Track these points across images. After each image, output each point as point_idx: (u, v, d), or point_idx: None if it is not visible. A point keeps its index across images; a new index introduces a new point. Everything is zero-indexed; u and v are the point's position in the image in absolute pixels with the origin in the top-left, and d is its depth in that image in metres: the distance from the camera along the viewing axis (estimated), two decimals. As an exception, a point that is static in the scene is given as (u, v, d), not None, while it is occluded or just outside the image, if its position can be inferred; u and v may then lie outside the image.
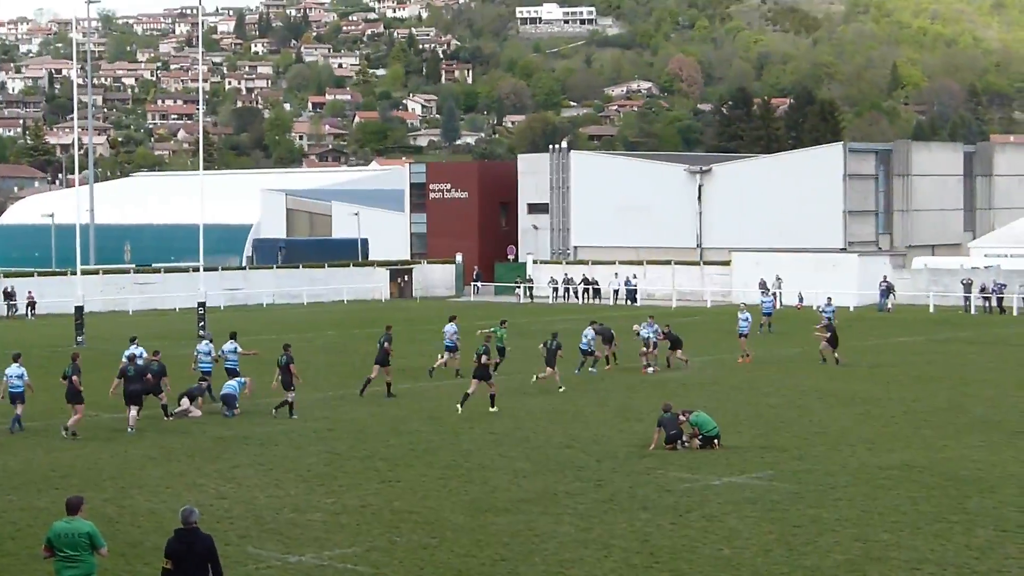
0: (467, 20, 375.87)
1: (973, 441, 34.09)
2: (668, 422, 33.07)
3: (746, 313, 55.49)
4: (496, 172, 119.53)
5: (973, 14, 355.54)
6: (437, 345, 60.84)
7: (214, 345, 43.17)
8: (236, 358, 42.08)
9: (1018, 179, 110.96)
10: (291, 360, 38.78)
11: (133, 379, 36.27)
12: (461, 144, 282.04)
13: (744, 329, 54.51)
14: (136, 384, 36.28)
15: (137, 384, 36.31)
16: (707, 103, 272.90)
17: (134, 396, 36.15)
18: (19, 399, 36.57)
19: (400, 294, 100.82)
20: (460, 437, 35.30)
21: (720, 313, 78.52)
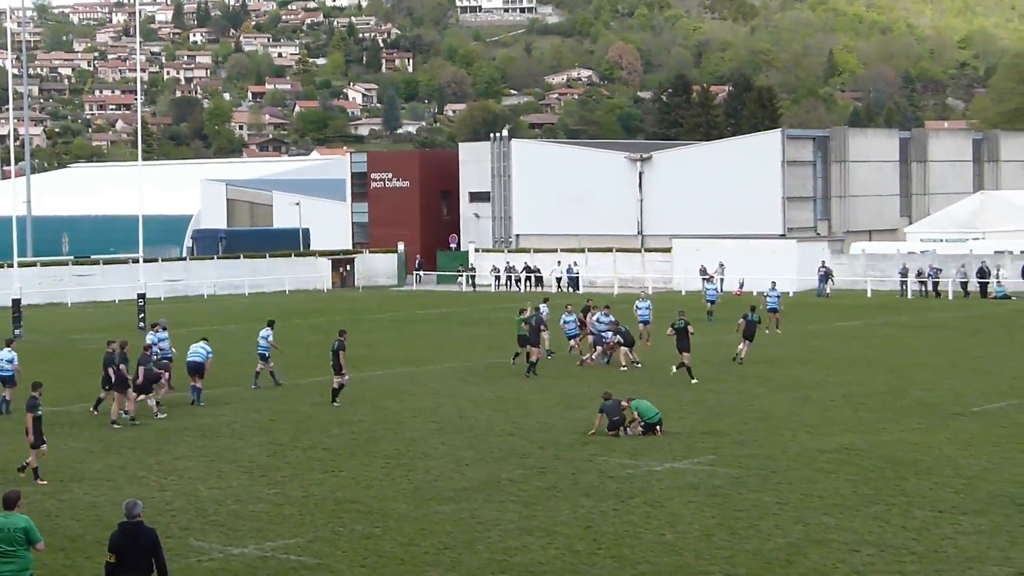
0: (407, 9, 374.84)
1: (910, 424, 34.36)
2: (610, 408, 33.15)
3: (647, 301, 55.28)
4: (437, 161, 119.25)
5: (907, 2, 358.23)
6: (381, 334, 60.82)
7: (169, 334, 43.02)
8: (267, 344, 43.32)
9: (952, 165, 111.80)
10: (343, 347, 38.92)
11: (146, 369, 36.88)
12: (402, 133, 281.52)
13: (644, 317, 52.81)
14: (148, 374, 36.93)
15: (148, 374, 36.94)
16: (647, 90, 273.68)
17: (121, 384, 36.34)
18: (9, 383, 37.50)
19: (342, 284, 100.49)
20: (403, 426, 35.24)
21: (661, 300, 78.74)
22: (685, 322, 44.14)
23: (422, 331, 63.99)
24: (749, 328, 47.31)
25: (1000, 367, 46.01)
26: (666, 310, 57.67)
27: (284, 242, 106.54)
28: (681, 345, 43.40)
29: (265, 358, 43.66)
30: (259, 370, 43.69)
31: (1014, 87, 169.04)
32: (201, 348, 40.06)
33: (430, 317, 72.37)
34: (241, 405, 38.77)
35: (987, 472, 28.13)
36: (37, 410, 28.34)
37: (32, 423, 28.21)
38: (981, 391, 40.11)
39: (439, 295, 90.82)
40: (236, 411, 38.02)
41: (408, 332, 63.49)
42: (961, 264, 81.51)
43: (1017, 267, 79.98)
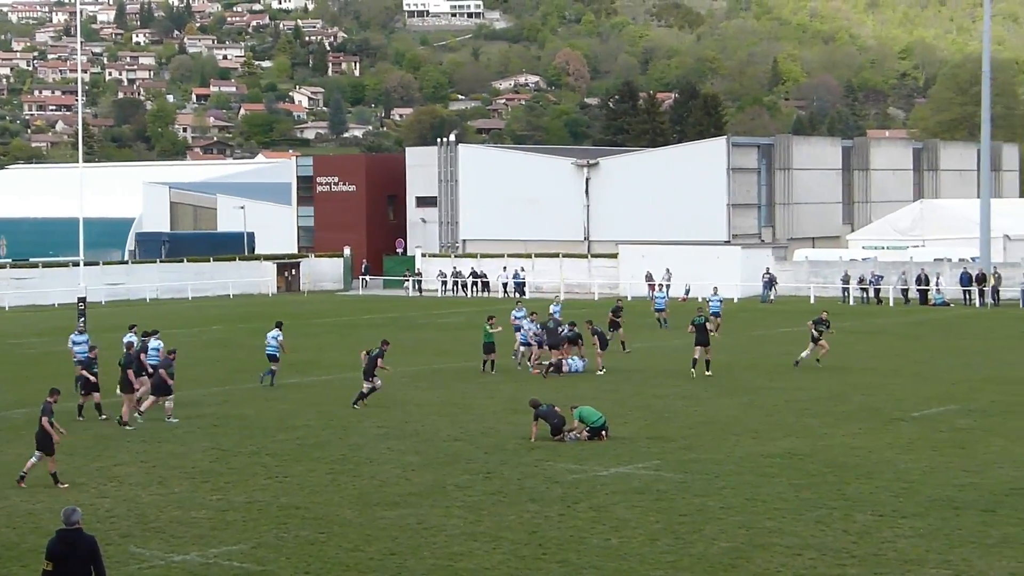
0: (354, 12, 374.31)
1: (852, 428, 34.59)
2: (547, 413, 33.16)
3: (558, 305, 55.60)
4: (384, 165, 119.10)
5: (849, 12, 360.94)
6: (327, 339, 60.68)
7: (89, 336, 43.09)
8: (276, 344, 44.07)
9: (893, 173, 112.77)
10: (382, 355, 39.54)
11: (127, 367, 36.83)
12: (348, 137, 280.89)
13: (271, 350, 50.19)
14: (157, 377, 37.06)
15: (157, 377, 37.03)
16: (594, 97, 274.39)
17: (158, 387, 36.85)
18: None
19: (287, 288, 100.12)
20: (349, 431, 35.14)
21: (608, 305, 78.87)
22: (704, 318, 46.35)
23: (368, 336, 63.77)
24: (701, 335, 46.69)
25: (939, 373, 46.40)
26: (590, 321, 57.69)
27: (228, 246, 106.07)
28: (700, 340, 45.29)
29: (275, 358, 44.17)
30: (274, 370, 44.25)
31: (953, 97, 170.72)
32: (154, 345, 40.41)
33: (376, 322, 72.22)
34: (184, 410, 38.51)
35: (926, 476, 28.36)
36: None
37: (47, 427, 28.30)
38: (921, 396, 40.43)
39: (385, 300, 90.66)
40: (179, 416, 37.75)
41: (354, 337, 63.32)
42: (902, 271, 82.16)
43: (956, 275, 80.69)
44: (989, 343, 57.05)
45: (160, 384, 36.75)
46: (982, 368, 47.40)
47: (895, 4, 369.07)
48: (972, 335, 60.82)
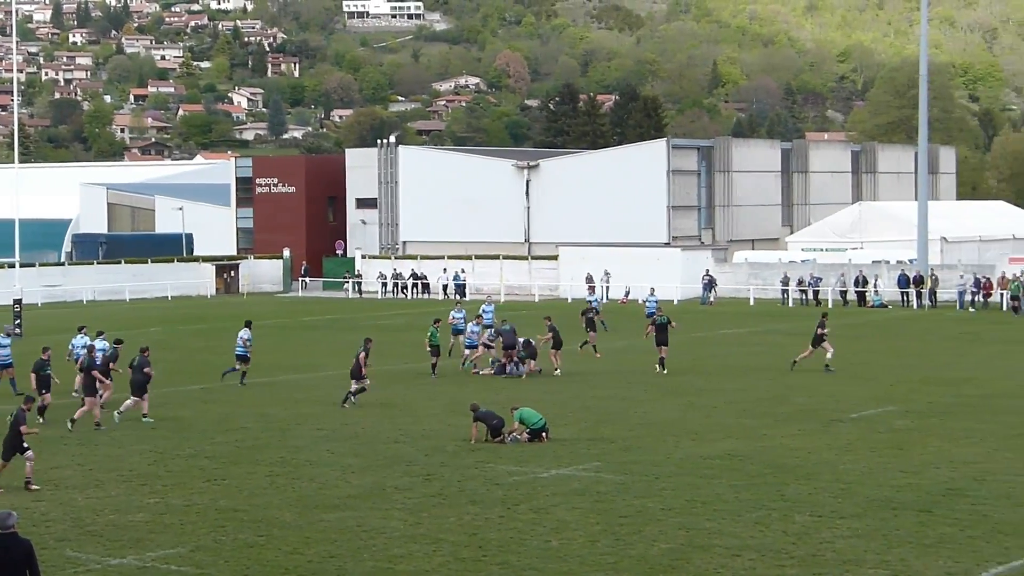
0: (293, 13, 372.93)
1: (792, 430, 34.77)
2: (486, 415, 33.14)
3: (490, 306, 55.70)
4: (324, 166, 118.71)
5: (788, 15, 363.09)
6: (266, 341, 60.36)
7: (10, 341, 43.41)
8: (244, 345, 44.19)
9: (832, 176, 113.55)
10: (367, 352, 40.03)
11: (136, 370, 37.25)
12: (288, 138, 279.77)
13: (487, 321, 51.86)
14: (138, 375, 37.18)
15: (139, 375, 37.18)
16: (534, 99, 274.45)
17: (138, 387, 37.06)
18: None
19: (226, 290, 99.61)
20: (288, 434, 34.98)
21: (548, 307, 79.00)
22: (667, 318, 47.42)
23: (308, 338, 63.65)
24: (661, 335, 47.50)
25: (877, 374, 46.74)
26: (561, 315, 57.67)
27: (167, 247, 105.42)
28: (660, 340, 46.53)
29: (245, 359, 44.19)
30: (236, 369, 44.42)
31: (891, 100, 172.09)
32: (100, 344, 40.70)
33: (316, 324, 71.99)
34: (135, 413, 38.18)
35: (865, 477, 28.54)
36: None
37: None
38: (859, 397, 40.71)
39: (325, 302, 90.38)
40: (115, 419, 37.44)
41: (294, 339, 63.13)
42: (840, 273, 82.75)
43: (894, 277, 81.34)
44: (927, 345, 57.54)
45: (140, 384, 36.98)
46: (920, 369, 47.78)
47: (833, 7, 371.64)
48: (910, 337, 61.33)
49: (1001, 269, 78.63)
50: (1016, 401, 39.84)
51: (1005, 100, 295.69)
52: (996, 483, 27.83)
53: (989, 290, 76.93)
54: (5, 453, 28.04)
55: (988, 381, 44.59)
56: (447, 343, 50.69)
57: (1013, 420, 36.14)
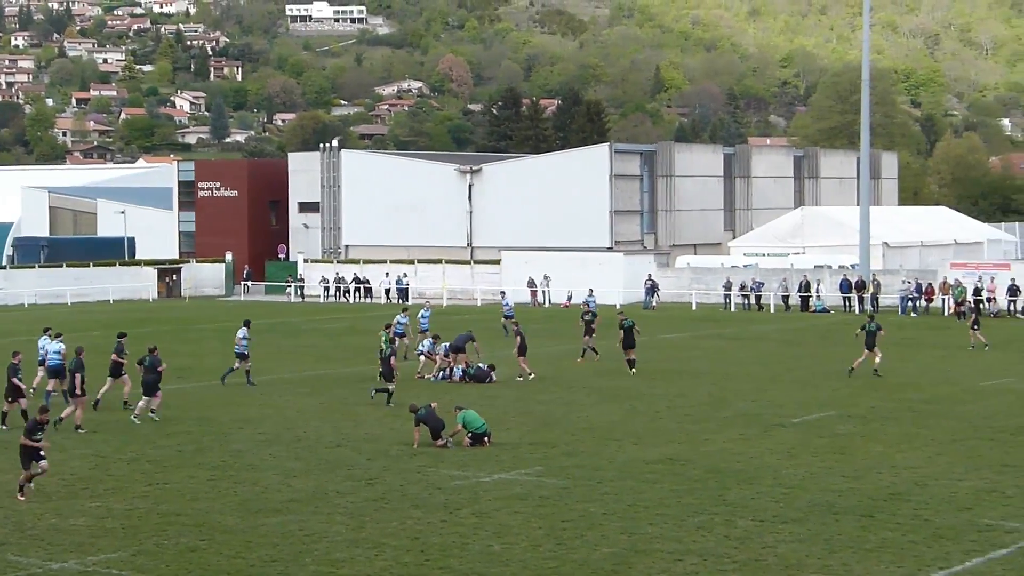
0: (236, 17, 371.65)
1: (733, 434, 34.91)
2: (426, 416, 33.07)
3: (428, 311, 55.94)
4: (266, 170, 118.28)
5: (731, 20, 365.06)
6: (207, 345, 60.10)
7: None
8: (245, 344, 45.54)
9: (774, 181, 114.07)
10: (394, 354, 41.35)
11: (149, 370, 37.65)
12: (231, 142, 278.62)
13: (423, 326, 53.23)
14: (151, 374, 37.59)
15: (151, 374, 37.60)
16: (477, 103, 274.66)
17: (150, 386, 37.49)
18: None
19: (168, 294, 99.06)
20: (229, 438, 34.84)
21: (489, 311, 78.99)
22: (631, 322, 48.27)
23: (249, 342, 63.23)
24: (628, 338, 48.78)
25: (819, 379, 46.98)
26: (491, 321, 57.80)
27: (109, 251, 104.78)
28: (627, 343, 47.36)
29: (244, 356, 45.22)
30: (236, 367, 45.44)
31: (833, 105, 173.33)
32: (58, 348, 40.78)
33: (258, 328, 71.42)
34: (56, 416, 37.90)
35: (806, 481, 28.69)
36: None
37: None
38: (801, 402, 40.92)
39: (267, 305, 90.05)
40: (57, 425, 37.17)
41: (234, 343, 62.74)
42: (783, 278, 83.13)
43: (836, 281, 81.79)
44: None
45: (152, 383, 37.52)
46: (861, 374, 48.06)
47: (776, 13, 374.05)
48: (852, 342, 61.56)
49: (943, 274, 79.21)
50: (957, 406, 40.15)
51: (947, 106, 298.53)
52: (937, 488, 28.05)
53: (931, 295, 77.50)
54: (24, 461, 27.53)
55: (929, 386, 44.92)
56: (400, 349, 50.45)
57: (954, 425, 36.42)
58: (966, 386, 44.82)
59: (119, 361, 39.74)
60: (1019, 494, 27.43)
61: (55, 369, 39.94)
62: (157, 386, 37.63)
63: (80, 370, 36.61)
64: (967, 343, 58.13)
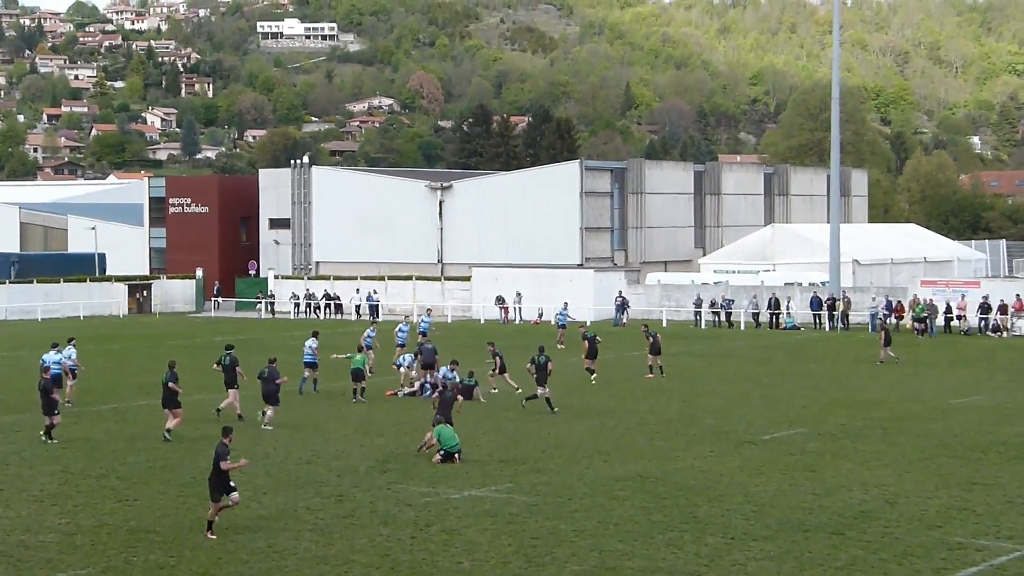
0: (207, 33, 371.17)
1: (703, 451, 34.91)
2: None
3: (407, 325, 56.22)
4: (237, 187, 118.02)
5: (701, 38, 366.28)
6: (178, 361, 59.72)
7: None
8: (313, 352, 46.91)
9: (744, 198, 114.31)
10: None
11: (267, 380, 39.40)
12: (201, 158, 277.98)
13: (400, 341, 53.92)
14: (269, 385, 39.36)
15: (270, 385, 39.36)
16: (447, 120, 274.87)
17: (271, 396, 39.32)
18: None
19: (139, 309, 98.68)
20: (199, 454, 34.66)
21: (460, 328, 78.93)
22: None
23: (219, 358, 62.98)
24: (591, 348, 50.66)
25: (789, 396, 47.04)
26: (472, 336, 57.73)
27: (79, 267, 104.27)
28: (540, 380, 43.10)
29: (313, 366, 46.79)
30: (306, 377, 46.98)
31: (803, 123, 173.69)
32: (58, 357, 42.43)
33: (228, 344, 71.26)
34: (32, 432, 37.73)
35: (776, 499, 28.70)
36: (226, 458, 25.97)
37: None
38: (771, 419, 40.95)
39: (237, 322, 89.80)
40: (27, 438, 37.00)
41: (205, 359, 62.45)
42: (753, 295, 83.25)
43: (806, 299, 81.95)
44: (838, 367, 57.98)
45: (271, 393, 39.24)
46: (831, 392, 48.17)
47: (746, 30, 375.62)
48: (822, 359, 61.81)
49: (913, 292, 79.47)
50: (926, 424, 40.24)
51: (916, 123, 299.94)
52: (907, 505, 28.10)
53: (901, 313, 77.70)
54: (213, 494, 25.58)
55: (898, 404, 45.02)
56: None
57: (923, 443, 36.49)
58: (935, 404, 44.94)
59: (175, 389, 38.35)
60: (988, 512, 27.50)
61: (56, 378, 40.70)
62: (277, 396, 39.30)
63: (174, 381, 37.51)
64: (937, 360, 58.31)
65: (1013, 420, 40.87)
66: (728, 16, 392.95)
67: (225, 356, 41.34)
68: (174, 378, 37.51)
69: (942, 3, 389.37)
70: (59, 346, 44.48)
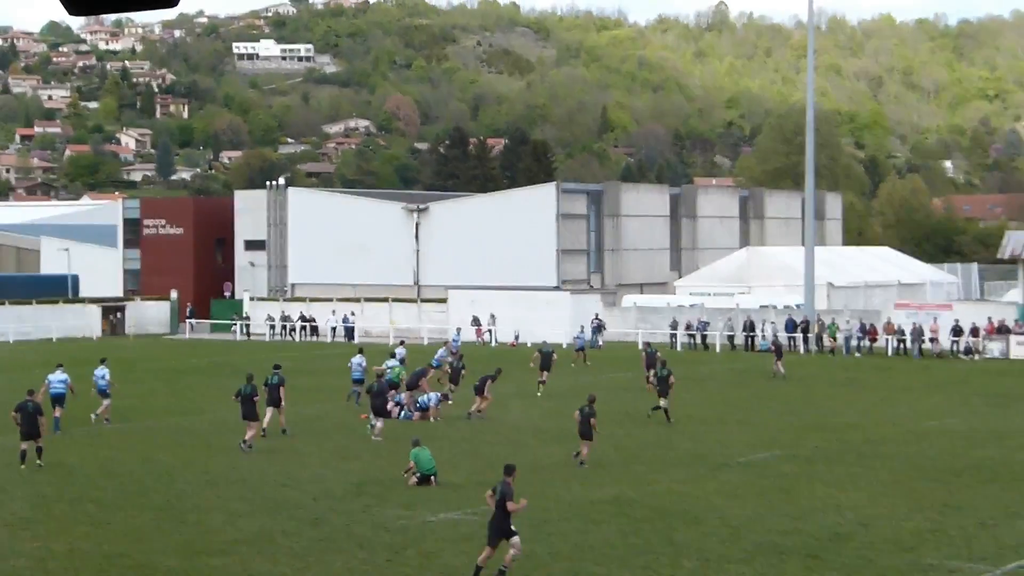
0: (182, 55, 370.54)
1: (680, 475, 34.96)
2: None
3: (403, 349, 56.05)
4: (212, 208, 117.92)
5: (677, 62, 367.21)
6: (152, 384, 59.65)
7: None
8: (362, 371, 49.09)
9: (720, 221, 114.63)
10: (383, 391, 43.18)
11: (377, 394, 41.33)
12: (176, 180, 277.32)
13: (357, 375, 50.75)
14: (377, 399, 41.25)
15: (378, 399, 41.26)
16: (424, 142, 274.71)
17: (379, 410, 41.11)
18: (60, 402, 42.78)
19: (112, 332, 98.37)
20: (174, 478, 34.58)
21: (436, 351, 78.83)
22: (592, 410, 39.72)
23: (194, 381, 63.00)
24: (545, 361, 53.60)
25: (765, 419, 47.17)
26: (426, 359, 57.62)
27: (52, 288, 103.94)
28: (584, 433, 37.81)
29: (361, 381, 48.73)
30: (356, 391, 49.12)
31: (777, 147, 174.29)
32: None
33: (203, 367, 71.30)
34: (4, 456, 37.55)
35: (752, 522, 28.76)
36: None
37: None
38: (747, 442, 41.04)
39: (213, 344, 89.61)
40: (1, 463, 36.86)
41: (180, 382, 62.46)
42: (728, 318, 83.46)
43: (781, 321, 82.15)
44: (813, 390, 58.17)
45: (379, 407, 41.16)
46: (806, 415, 48.30)
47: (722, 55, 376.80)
48: (796, 382, 61.97)
49: (887, 315, 79.78)
50: (900, 447, 40.39)
51: (890, 147, 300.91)
52: (881, 528, 28.18)
53: (875, 336, 78.02)
54: (491, 538, 23.90)
55: (872, 427, 45.17)
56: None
57: (897, 466, 36.62)
58: (909, 427, 45.10)
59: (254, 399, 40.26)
60: (962, 534, 27.60)
61: (58, 397, 42.82)
62: (386, 410, 41.41)
63: (282, 383, 41.18)
64: (910, 383, 58.55)
65: (986, 443, 41.05)
66: (704, 40, 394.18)
67: (273, 376, 42.15)
68: (255, 390, 39.42)
69: (915, 29, 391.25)
70: (63, 366, 45.20)
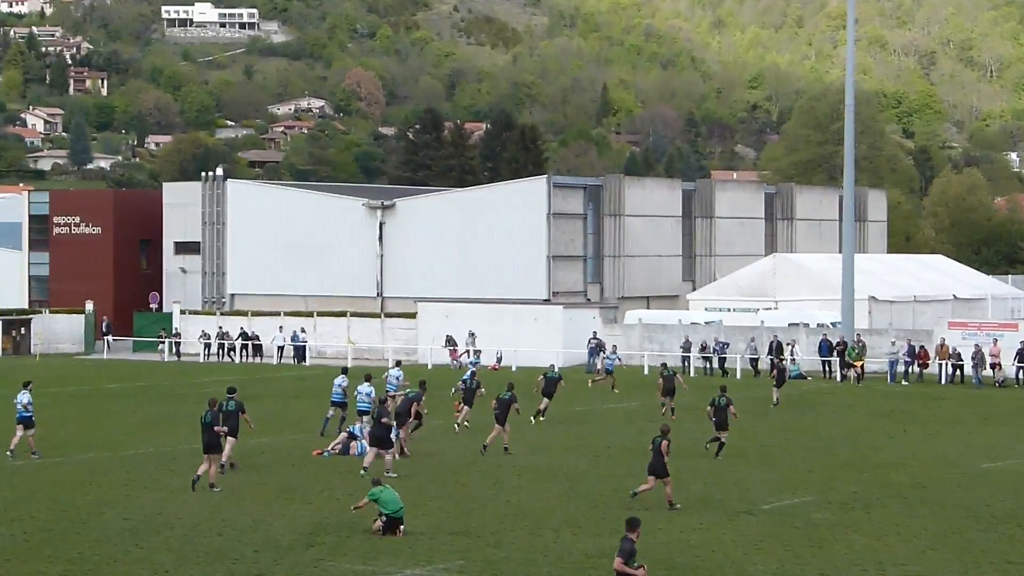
0: (101, 19, 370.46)
1: (691, 522, 34.96)
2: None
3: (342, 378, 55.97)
4: (136, 203, 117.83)
5: (691, 32, 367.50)
6: (61, 411, 59.48)
7: None
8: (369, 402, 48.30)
9: (741, 222, 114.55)
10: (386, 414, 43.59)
11: (377, 423, 42.16)
12: (93, 169, 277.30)
13: (336, 397, 51.66)
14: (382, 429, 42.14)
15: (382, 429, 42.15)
16: (390, 126, 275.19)
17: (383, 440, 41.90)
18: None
19: (15, 350, 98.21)
20: (88, 525, 34.53)
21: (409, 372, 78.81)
22: (727, 400, 48.00)
23: (113, 409, 62.90)
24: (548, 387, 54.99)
25: (793, 457, 47.18)
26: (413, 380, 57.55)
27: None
28: (719, 424, 47.39)
29: (342, 405, 50.76)
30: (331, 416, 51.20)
31: (809, 135, 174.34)
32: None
33: (123, 392, 71.19)
34: None
35: (778, 579, 28.81)
36: None
37: None
38: (771, 485, 41.05)
39: (135, 365, 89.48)
40: None
41: (96, 410, 62.33)
42: (751, 338, 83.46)
43: (814, 342, 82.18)
44: (851, 423, 58.18)
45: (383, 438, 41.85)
46: (843, 452, 48.33)
47: (744, 25, 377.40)
48: (832, 413, 61.99)
49: (940, 335, 79.78)
50: (953, 491, 40.41)
51: (944, 136, 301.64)
52: (929, 586, 28.24)
53: (925, 359, 77.96)
54: None
55: (921, 468, 45.19)
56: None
57: (950, 514, 36.65)
58: (964, 468, 45.16)
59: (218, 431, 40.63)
60: (1027, 595, 27.69)
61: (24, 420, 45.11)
62: (390, 439, 41.98)
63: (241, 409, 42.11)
64: (965, 416, 58.66)
65: (1058, 488, 41.12)
66: (723, 7, 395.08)
67: (228, 401, 42.16)
68: (215, 418, 39.89)
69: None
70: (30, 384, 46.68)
